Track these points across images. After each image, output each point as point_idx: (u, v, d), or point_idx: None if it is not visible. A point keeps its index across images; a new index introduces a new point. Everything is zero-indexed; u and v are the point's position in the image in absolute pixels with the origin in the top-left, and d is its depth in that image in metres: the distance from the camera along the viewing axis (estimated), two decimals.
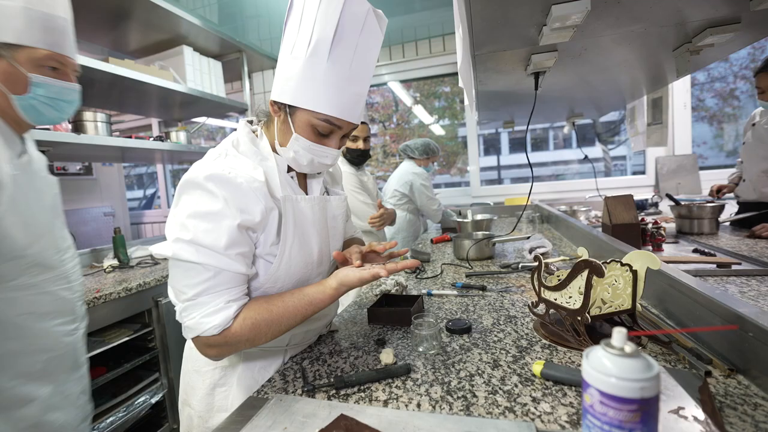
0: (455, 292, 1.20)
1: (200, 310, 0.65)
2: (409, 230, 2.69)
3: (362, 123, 1.88)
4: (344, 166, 1.95)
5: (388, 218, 1.98)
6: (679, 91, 2.82)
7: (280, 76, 0.72)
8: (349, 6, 0.66)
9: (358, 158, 1.96)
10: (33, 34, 0.84)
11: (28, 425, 0.84)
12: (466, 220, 2.21)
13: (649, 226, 1.49)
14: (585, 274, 0.75)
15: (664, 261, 0.95)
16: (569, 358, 0.73)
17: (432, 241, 2.19)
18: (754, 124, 1.88)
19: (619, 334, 0.40)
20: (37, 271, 0.86)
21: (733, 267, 1.15)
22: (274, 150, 0.78)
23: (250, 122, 0.84)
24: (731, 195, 2.04)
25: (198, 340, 0.68)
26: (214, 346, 0.68)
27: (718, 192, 2.05)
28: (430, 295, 1.21)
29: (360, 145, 1.90)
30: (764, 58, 1.71)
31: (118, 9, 1.98)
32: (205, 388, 0.82)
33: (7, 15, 0.81)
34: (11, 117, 0.87)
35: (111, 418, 1.46)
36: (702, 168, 2.84)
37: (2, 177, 0.78)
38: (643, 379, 0.37)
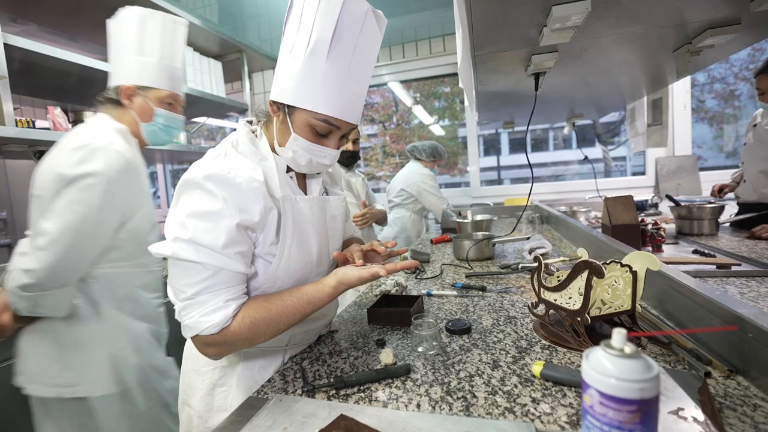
0: (455, 293, 1.20)
1: (199, 308, 0.65)
2: (413, 230, 2.72)
3: None
4: None
5: (372, 218, 1.99)
6: (680, 92, 2.81)
7: (279, 76, 0.72)
8: (348, 6, 0.67)
9: (347, 159, 2.00)
10: (161, 79, 1.17)
11: (156, 364, 1.20)
12: (466, 221, 2.20)
13: (649, 226, 1.49)
14: (585, 274, 0.74)
15: (664, 262, 0.95)
16: (569, 358, 0.73)
17: (432, 241, 2.19)
18: (755, 125, 1.87)
19: (618, 334, 0.40)
20: (150, 253, 1.06)
21: (733, 268, 1.15)
22: (273, 150, 0.78)
23: (250, 122, 0.84)
24: (732, 195, 2.04)
25: (197, 339, 0.68)
26: (213, 345, 0.68)
27: (720, 192, 2.05)
28: (429, 295, 1.21)
29: (349, 146, 1.93)
30: (765, 59, 1.71)
31: (118, 9, 1.97)
32: (205, 388, 0.82)
33: (147, 67, 1.15)
34: (138, 138, 1.17)
35: None
36: (702, 169, 2.84)
37: (144, 183, 1.10)
38: (643, 379, 0.37)
